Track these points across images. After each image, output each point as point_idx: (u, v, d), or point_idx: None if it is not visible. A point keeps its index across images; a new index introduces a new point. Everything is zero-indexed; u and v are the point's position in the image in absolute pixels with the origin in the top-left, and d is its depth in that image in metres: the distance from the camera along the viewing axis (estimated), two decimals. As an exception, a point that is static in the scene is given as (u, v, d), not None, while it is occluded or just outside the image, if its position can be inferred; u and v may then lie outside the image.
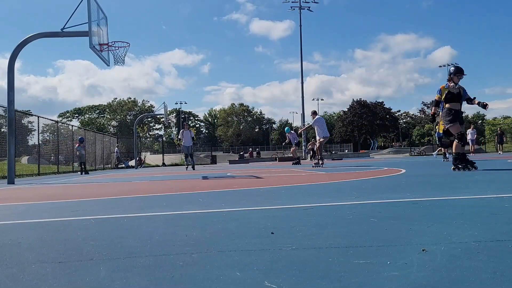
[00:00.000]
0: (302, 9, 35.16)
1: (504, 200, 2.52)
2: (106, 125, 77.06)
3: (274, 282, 1.05)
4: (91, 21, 8.03)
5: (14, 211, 3.09)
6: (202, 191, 4.21)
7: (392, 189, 3.60)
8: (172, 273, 1.16)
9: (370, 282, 1.02)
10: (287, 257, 1.30)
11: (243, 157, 34.97)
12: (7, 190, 6.02)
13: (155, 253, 1.42)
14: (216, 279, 1.09)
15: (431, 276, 1.05)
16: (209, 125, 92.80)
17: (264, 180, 5.81)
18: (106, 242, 1.64)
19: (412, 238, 1.51)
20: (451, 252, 1.29)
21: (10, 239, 1.81)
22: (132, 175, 10.95)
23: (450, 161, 6.61)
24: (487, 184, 3.81)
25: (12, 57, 8.45)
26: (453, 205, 2.40)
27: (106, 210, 2.78)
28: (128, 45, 9.35)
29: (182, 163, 34.09)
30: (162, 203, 3.09)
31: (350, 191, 3.49)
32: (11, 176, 8.40)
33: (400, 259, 1.22)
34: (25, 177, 13.54)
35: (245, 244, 1.50)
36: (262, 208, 2.56)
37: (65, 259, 1.37)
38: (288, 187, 4.25)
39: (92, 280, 1.12)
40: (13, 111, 8.52)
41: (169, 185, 5.72)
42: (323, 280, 1.04)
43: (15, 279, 1.17)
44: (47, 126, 18.66)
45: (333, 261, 1.23)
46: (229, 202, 3.04)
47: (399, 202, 2.62)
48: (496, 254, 1.24)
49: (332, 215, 2.17)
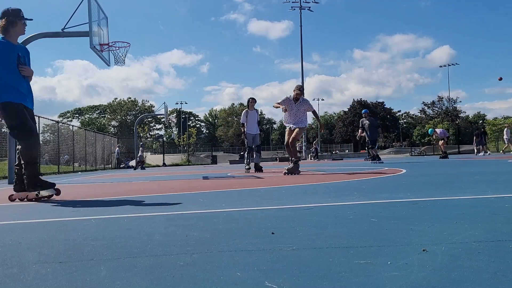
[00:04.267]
0: (303, 9, 35.19)
1: (505, 200, 2.52)
2: (107, 125, 77.09)
3: (274, 282, 1.05)
4: (91, 21, 8.03)
5: (14, 211, 3.09)
6: (203, 191, 4.21)
7: (392, 189, 3.60)
8: (172, 273, 1.16)
9: (370, 282, 1.02)
10: (287, 257, 1.30)
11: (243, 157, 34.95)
12: (7, 190, 6.02)
13: (156, 253, 1.42)
14: (217, 279, 1.09)
15: (432, 276, 1.05)
16: (209, 125, 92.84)
17: (264, 180, 5.81)
18: (107, 242, 1.64)
19: (412, 238, 1.51)
20: (451, 252, 1.29)
21: (10, 239, 1.81)
22: (132, 175, 10.96)
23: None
24: (487, 184, 3.81)
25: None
26: (454, 205, 2.39)
27: (106, 210, 2.78)
28: (128, 45, 9.35)
29: (183, 163, 34.01)
30: (162, 203, 3.09)
31: (350, 191, 3.49)
32: (11, 176, 8.40)
33: (401, 259, 1.22)
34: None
35: (246, 244, 1.50)
36: (262, 208, 2.56)
37: (65, 259, 1.38)
38: (288, 187, 4.26)
39: (93, 280, 1.12)
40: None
41: (169, 185, 5.72)
42: (323, 280, 1.04)
43: (15, 279, 1.17)
44: (47, 126, 18.68)
45: (333, 261, 1.23)
46: (229, 202, 3.04)
47: (399, 202, 2.62)
48: (497, 254, 1.24)
49: (333, 215, 2.17)
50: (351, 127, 70.05)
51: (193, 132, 42.28)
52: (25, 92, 3.70)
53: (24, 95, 3.68)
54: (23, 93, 3.66)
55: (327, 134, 69.11)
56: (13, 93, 3.58)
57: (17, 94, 3.61)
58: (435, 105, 69.73)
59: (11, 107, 3.56)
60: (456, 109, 66.56)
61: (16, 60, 3.66)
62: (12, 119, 3.59)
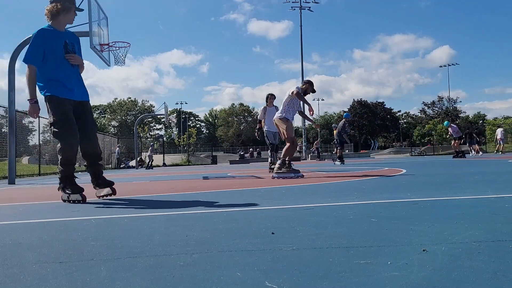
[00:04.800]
0: (303, 9, 35.21)
1: (505, 200, 2.52)
2: (107, 125, 77.11)
3: (274, 282, 1.05)
4: (91, 21, 8.03)
5: (15, 211, 3.09)
6: (203, 191, 4.21)
7: (392, 189, 3.60)
8: (172, 273, 1.16)
9: (370, 282, 1.02)
10: (287, 257, 1.30)
11: (243, 157, 34.97)
12: (7, 190, 6.02)
13: (156, 253, 1.42)
14: (217, 279, 1.09)
15: (432, 276, 1.05)
16: (209, 125, 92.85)
17: (264, 180, 5.81)
18: (107, 242, 1.64)
19: (412, 238, 1.51)
20: (451, 252, 1.29)
21: (10, 239, 1.81)
22: (133, 175, 10.96)
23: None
24: (488, 184, 3.81)
25: (13, 57, 8.46)
26: (454, 205, 2.39)
27: (106, 210, 2.78)
28: (128, 45, 9.36)
29: (183, 163, 34.01)
30: (163, 203, 3.09)
31: (350, 191, 3.49)
32: (12, 176, 8.40)
33: (401, 259, 1.22)
34: (25, 177, 13.55)
35: (246, 244, 1.50)
36: (262, 208, 2.56)
37: (65, 259, 1.38)
38: (288, 187, 4.26)
39: (93, 280, 1.12)
40: (14, 112, 8.53)
41: (170, 185, 5.72)
42: (323, 280, 1.04)
43: (15, 279, 1.17)
44: (47, 126, 18.67)
45: (333, 261, 1.23)
46: (229, 202, 3.04)
47: (399, 202, 2.62)
48: (497, 254, 1.24)
49: (333, 215, 2.17)
50: (351, 127, 70.04)
51: (193, 132, 42.24)
52: (72, 84, 3.41)
53: (70, 88, 3.38)
54: (68, 87, 3.37)
55: (327, 134, 69.07)
56: (57, 86, 3.32)
57: (62, 88, 3.32)
58: (435, 105, 69.77)
59: (53, 102, 3.29)
60: (456, 109, 66.56)
61: (63, 48, 3.40)
62: (53, 115, 3.29)
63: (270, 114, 8.59)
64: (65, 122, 3.26)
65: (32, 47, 3.30)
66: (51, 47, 3.34)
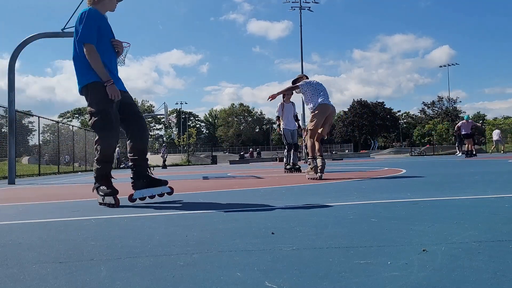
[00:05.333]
0: (302, 9, 35.19)
1: (505, 200, 2.52)
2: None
3: (274, 282, 1.05)
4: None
5: (15, 211, 3.09)
6: (203, 191, 4.21)
7: (392, 189, 3.60)
8: (172, 273, 1.16)
9: (370, 282, 1.02)
10: (287, 257, 1.30)
11: (243, 157, 34.98)
12: (7, 190, 6.02)
13: (156, 253, 1.42)
14: (217, 279, 1.09)
15: (432, 276, 1.05)
16: (209, 126, 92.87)
17: (264, 180, 5.81)
18: (107, 242, 1.64)
19: (412, 238, 1.51)
20: (451, 252, 1.29)
21: (10, 239, 1.81)
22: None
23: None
24: (488, 184, 3.81)
25: (13, 57, 8.46)
26: (454, 205, 2.39)
27: (106, 210, 2.78)
28: (128, 45, 9.38)
29: (183, 163, 34.01)
30: (163, 203, 3.09)
31: (350, 191, 3.49)
32: (11, 176, 8.41)
33: (401, 259, 1.22)
34: (25, 177, 13.55)
35: (246, 244, 1.50)
36: (262, 208, 2.56)
37: (65, 259, 1.38)
38: (288, 187, 4.25)
39: (93, 280, 1.12)
40: (14, 112, 8.53)
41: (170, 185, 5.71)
42: (323, 280, 1.04)
43: (15, 279, 1.17)
44: (47, 126, 18.68)
45: (333, 261, 1.23)
46: (229, 202, 3.04)
47: (399, 202, 2.62)
48: (497, 254, 1.24)
49: (333, 215, 2.17)
50: (351, 127, 70.10)
51: (193, 132, 42.28)
52: (116, 71, 3.13)
53: (116, 75, 3.09)
54: (114, 73, 3.07)
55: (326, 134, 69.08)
56: None
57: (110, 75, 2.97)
58: (435, 105, 69.83)
59: (97, 89, 2.92)
60: (456, 109, 66.60)
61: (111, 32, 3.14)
62: (96, 105, 2.92)
63: (288, 110, 8.16)
64: (108, 114, 2.92)
65: (86, 24, 2.94)
66: (103, 28, 3.05)
